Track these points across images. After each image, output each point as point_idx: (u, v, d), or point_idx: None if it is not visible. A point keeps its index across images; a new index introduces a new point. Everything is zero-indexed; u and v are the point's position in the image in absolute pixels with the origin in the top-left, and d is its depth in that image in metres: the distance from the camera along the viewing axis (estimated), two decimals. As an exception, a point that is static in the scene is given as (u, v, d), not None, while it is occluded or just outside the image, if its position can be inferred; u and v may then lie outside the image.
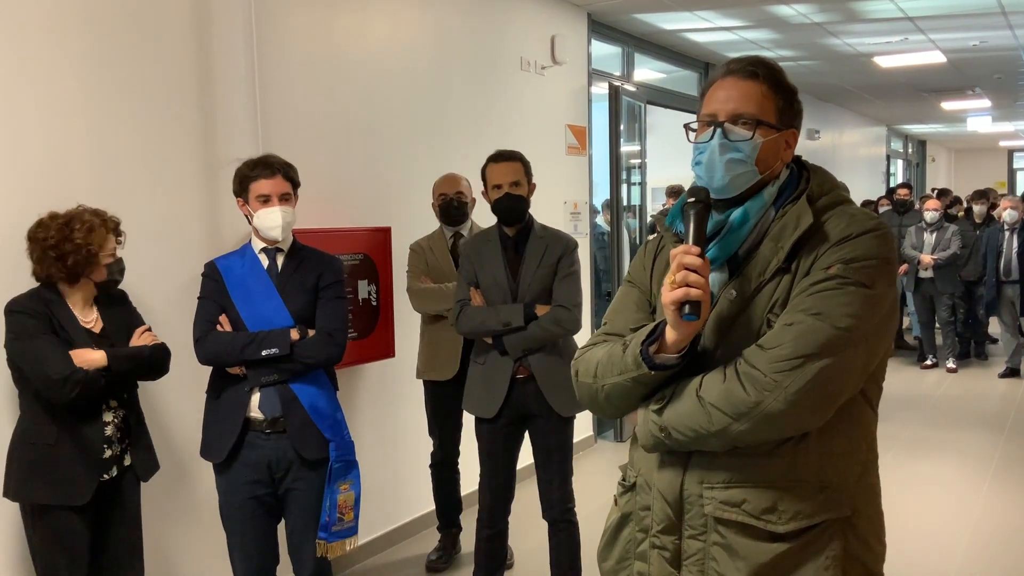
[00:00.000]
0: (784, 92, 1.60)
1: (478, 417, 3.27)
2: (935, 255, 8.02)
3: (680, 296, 1.43)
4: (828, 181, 1.61)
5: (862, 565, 1.52)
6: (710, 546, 1.52)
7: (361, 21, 4.09)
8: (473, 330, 3.20)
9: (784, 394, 1.40)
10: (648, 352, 1.51)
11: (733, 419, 1.44)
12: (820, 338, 1.41)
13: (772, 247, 1.52)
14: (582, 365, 1.68)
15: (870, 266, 1.46)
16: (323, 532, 2.82)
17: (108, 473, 2.63)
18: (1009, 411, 6.92)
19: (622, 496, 1.71)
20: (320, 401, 2.79)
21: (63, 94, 2.89)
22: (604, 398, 1.61)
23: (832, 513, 1.48)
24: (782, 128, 1.58)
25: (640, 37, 6.83)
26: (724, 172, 1.54)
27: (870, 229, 1.49)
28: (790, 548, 1.47)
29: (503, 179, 3.17)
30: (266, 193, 2.77)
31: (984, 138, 16.97)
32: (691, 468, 1.54)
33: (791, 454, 1.48)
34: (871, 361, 1.49)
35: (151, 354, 2.68)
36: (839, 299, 1.43)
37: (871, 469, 1.58)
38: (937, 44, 7.73)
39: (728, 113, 1.56)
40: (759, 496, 1.48)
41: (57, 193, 2.82)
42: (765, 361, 1.43)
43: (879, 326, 1.47)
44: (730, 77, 1.58)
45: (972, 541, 4.25)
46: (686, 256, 1.45)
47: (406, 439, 4.32)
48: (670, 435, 1.51)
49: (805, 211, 1.52)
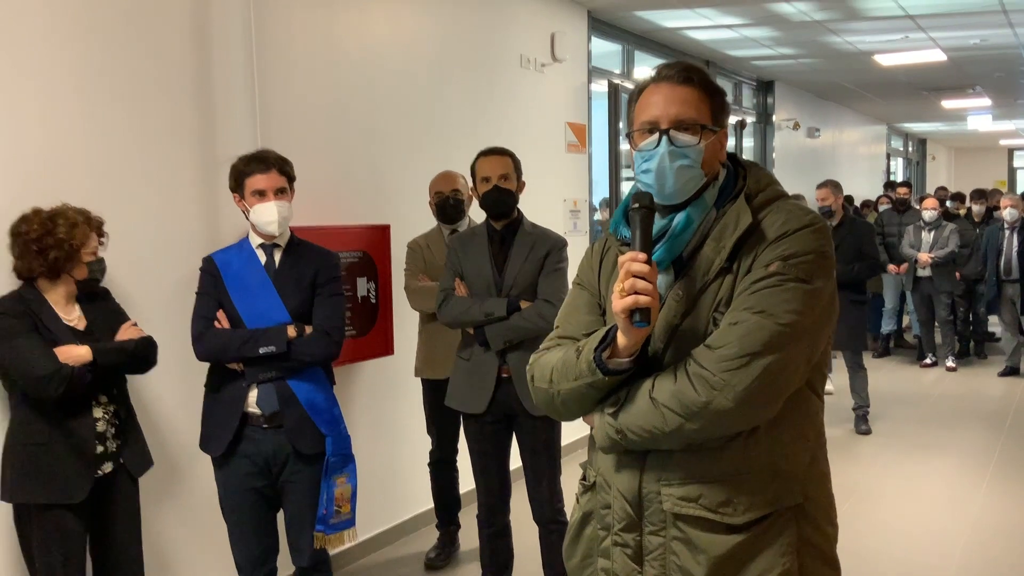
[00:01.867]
0: (716, 94, 1.63)
1: (465, 415, 3.26)
2: (933, 253, 8.01)
3: (630, 304, 1.47)
4: (764, 177, 1.65)
5: (816, 548, 1.58)
6: (670, 541, 1.57)
7: (360, 18, 4.08)
8: (455, 319, 3.18)
9: (733, 392, 1.45)
10: (601, 358, 1.54)
11: (685, 419, 1.48)
12: (764, 335, 1.46)
13: (714, 247, 1.56)
14: (537, 370, 1.71)
15: (807, 261, 1.50)
16: (320, 525, 2.84)
17: (102, 469, 2.63)
18: (1008, 410, 6.91)
19: (583, 495, 1.76)
20: (317, 397, 2.80)
21: (61, 92, 2.88)
22: (560, 403, 1.66)
23: (785, 501, 1.54)
24: (717, 129, 1.61)
25: (640, 35, 6.82)
26: (675, 179, 1.57)
27: (806, 225, 1.53)
28: (746, 538, 1.52)
29: (492, 172, 3.16)
30: (261, 188, 2.76)
31: (984, 137, 16.98)
32: (648, 467, 1.58)
33: (743, 447, 1.52)
34: (814, 353, 1.54)
35: (136, 347, 2.67)
36: (780, 296, 1.48)
37: (820, 456, 1.64)
38: (938, 42, 7.72)
39: (671, 119, 1.58)
40: (714, 490, 1.53)
41: (55, 191, 2.81)
42: (713, 361, 1.47)
43: (819, 319, 1.52)
44: (664, 83, 1.61)
45: (971, 539, 4.24)
46: (634, 263, 1.48)
47: (404, 437, 4.32)
48: (626, 436, 1.55)
49: (744, 210, 1.56)
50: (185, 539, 3.26)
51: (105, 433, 2.64)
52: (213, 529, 2.91)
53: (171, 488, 3.20)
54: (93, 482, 2.58)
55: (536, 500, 3.23)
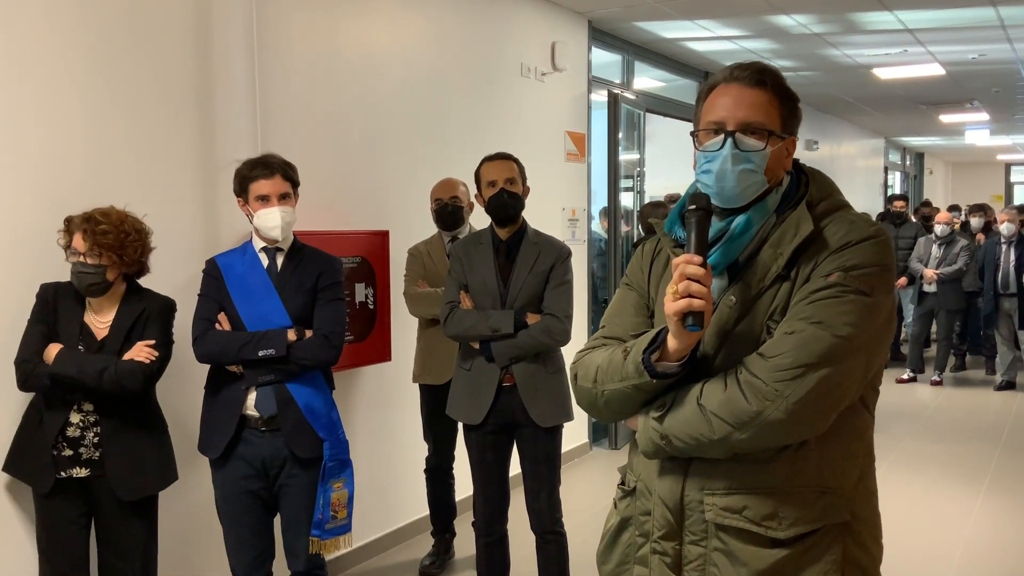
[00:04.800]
0: (788, 100, 1.59)
1: (465, 425, 3.25)
2: (939, 270, 7.98)
3: (683, 307, 1.43)
4: (826, 186, 1.61)
5: (860, 568, 1.53)
6: (711, 552, 1.52)
7: (362, 26, 4.09)
8: (461, 334, 3.16)
9: (785, 403, 1.41)
10: (650, 360, 1.50)
11: (734, 428, 1.44)
12: (821, 347, 1.41)
13: (772, 254, 1.52)
14: (581, 369, 1.67)
15: (869, 273, 1.46)
16: (316, 530, 2.83)
17: (70, 472, 2.62)
18: (1004, 424, 6.92)
19: (621, 500, 1.71)
20: (315, 401, 2.80)
21: (62, 94, 2.89)
22: (604, 404, 1.61)
23: (831, 519, 1.49)
24: (786, 136, 1.58)
25: (640, 45, 6.84)
26: (736, 183, 1.53)
27: (869, 236, 1.49)
28: (790, 554, 1.47)
29: (498, 175, 3.14)
30: (265, 193, 2.77)
31: (982, 151, 17.01)
32: (691, 474, 1.54)
33: (791, 461, 1.48)
34: (870, 368, 1.49)
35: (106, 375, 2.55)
36: (839, 307, 1.43)
37: (869, 473, 1.58)
38: (936, 57, 7.75)
39: (738, 122, 1.54)
40: (759, 502, 1.48)
41: (56, 193, 2.83)
42: (766, 370, 1.43)
43: (878, 333, 1.48)
44: (735, 84, 1.56)
45: (966, 554, 4.25)
46: (688, 266, 1.45)
47: (402, 443, 4.31)
48: (671, 442, 1.51)
49: (805, 218, 1.52)
50: (182, 543, 3.25)
51: (81, 439, 2.62)
52: (210, 533, 2.90)
53: (169, 491, 3.19)
54: (55, 480, 2.60)
55: (535, 510, 3.22)
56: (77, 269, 2.60)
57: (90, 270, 2.59)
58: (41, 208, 2.79)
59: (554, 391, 3.14)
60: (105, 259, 2.60)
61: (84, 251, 2.58)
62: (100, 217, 2.60)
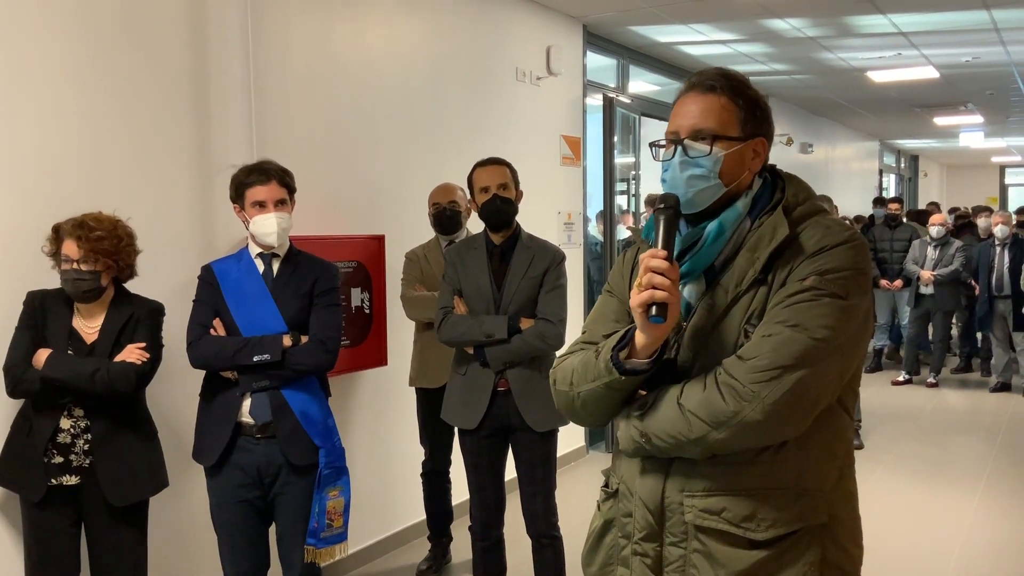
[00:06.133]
0: (745, 101, 1.60)
1: (461, 429, 3.25)
2: (936, 271, 8.00)
3: (646, 298, 1.46)
4: (803, 190, 1.63)
5: (839, 570, 1.55)
6: (690, 553, 1.55)
7: (358, 30, 4.10)
8: (455, 339, 3.16)
9: (762, 404, 1.43)
10: (618, 357, 1.53)
11: (712, 427, 1.46)
12: (797, 349, 1.44)
13: (748, 258, 1.54)
14: (559, 373, 1.71)
15: (844, 277, 1.49)
16: (312, 538, 2.81)
17: (61, 480, 2.59)
18: (1000, 425, 6.93)
19: (605, 502, 1.74)
20: (311, 408, 2.79)
21: (58, 100, 2.89)
22: (580, 405, 1.64)
23: (810, 520, 1.51)
24: (745, 138, 1.59)
25: (635, 49, 6.86)
26: (686, 188, 1.57)
27: (844, 240, 1.52)
28: (769, 555, 1.49)
29: (490, 181, 3.15)
30: (261, 199, 2.77)
31: (976, 154, 17.06)
32: (672, 476, 1.57)
33: (770, 462, 1.50)
34: (846, 370, 1.52)
35: (98, 376, 2.54)
36: (815, 310, 1.46)
37: (848, 474, 1.61)
38: (930, 59, 7.78)
39: (688, 129, 1.58)
40: (738, 504, 1.51)
41: (52, 198, 2.82)
42: (743, 371, 1.46)
43: (854, 336, 1.50)
44: (691, 92, 1.61)
45: (963, 554, 4.25)
46: (652, 259, 1.48)
47: (398, 447, 4.31)
48: (651, 441, 1.54)
49: (781, 222, 1.54)
50: (174, 551, 3.24)
51: (71, 445, 2.60)
52: (203, 541, 2.89)
53: (163, 500, 3.18)
54: (46, 489, 2.58)
55: (531, 514, 3.22)
56: (71, 276, 2.57)
57: (85, 276, 2.57)
58: (34, 213, 2.78)
59: (549, 395, 3.12)
60: (100, 265, 2.59)
61: (78, 258, 2.56)
62: (93, 223, 2.58)
